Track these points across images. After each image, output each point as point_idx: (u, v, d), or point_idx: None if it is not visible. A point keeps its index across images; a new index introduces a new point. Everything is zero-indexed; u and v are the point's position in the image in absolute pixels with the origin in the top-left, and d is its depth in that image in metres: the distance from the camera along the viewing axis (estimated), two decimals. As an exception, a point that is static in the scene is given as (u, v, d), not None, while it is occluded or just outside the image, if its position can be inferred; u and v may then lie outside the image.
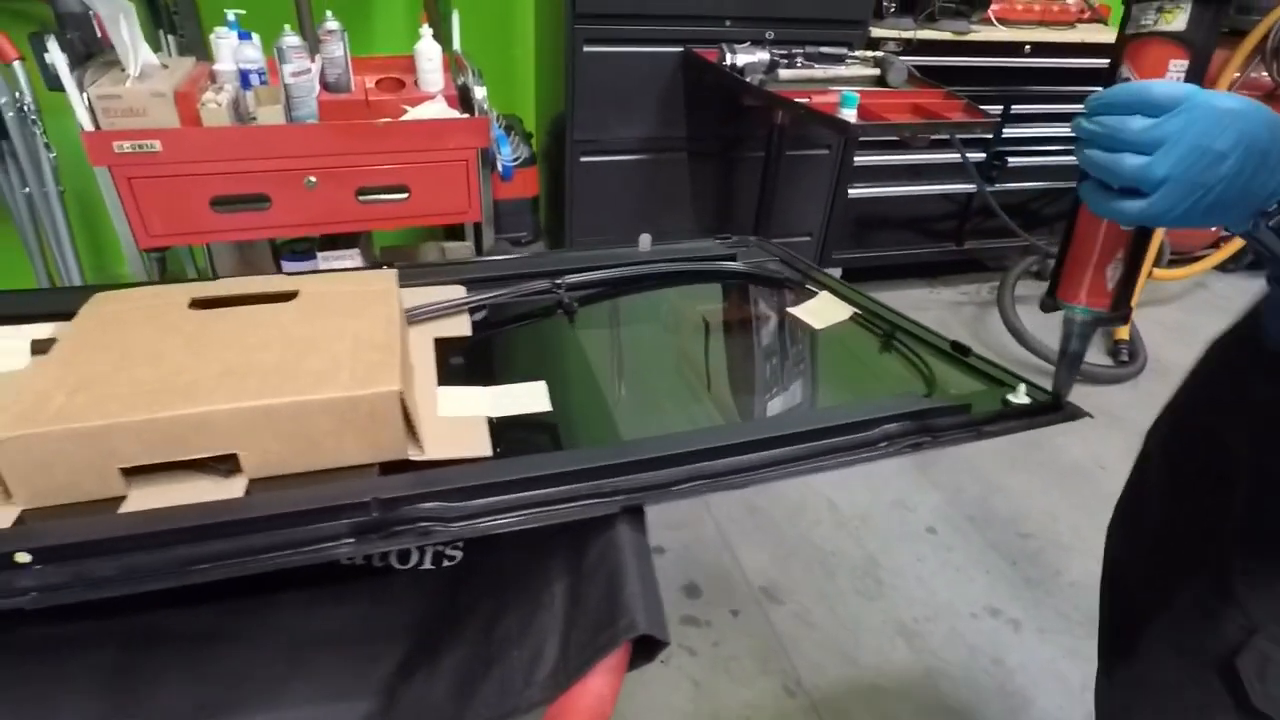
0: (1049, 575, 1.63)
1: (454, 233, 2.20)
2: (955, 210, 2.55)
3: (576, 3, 1.88)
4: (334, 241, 1.90)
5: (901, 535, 1.72)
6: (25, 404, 0.52)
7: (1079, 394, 0.65)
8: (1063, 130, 2.43)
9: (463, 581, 0.69)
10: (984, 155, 2.36)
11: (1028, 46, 2.27)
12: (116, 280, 2.31)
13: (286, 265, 1.87)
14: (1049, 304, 0.63)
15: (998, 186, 2.40)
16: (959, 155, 2.08)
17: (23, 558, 0.47)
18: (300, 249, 1.88)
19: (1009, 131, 2.35)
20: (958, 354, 0.76)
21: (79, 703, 0.58)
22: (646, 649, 0.54)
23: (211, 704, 0.61)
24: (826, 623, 1.48)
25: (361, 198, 1.63)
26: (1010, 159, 2.35)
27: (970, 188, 2.44)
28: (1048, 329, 2.51)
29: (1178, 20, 0.52)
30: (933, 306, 2.65)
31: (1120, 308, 0.61)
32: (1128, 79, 0.54)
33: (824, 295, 0.86)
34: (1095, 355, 2.36)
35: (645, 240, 0.91)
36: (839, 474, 0.90)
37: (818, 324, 0.82)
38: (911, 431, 0.62)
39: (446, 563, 0.71)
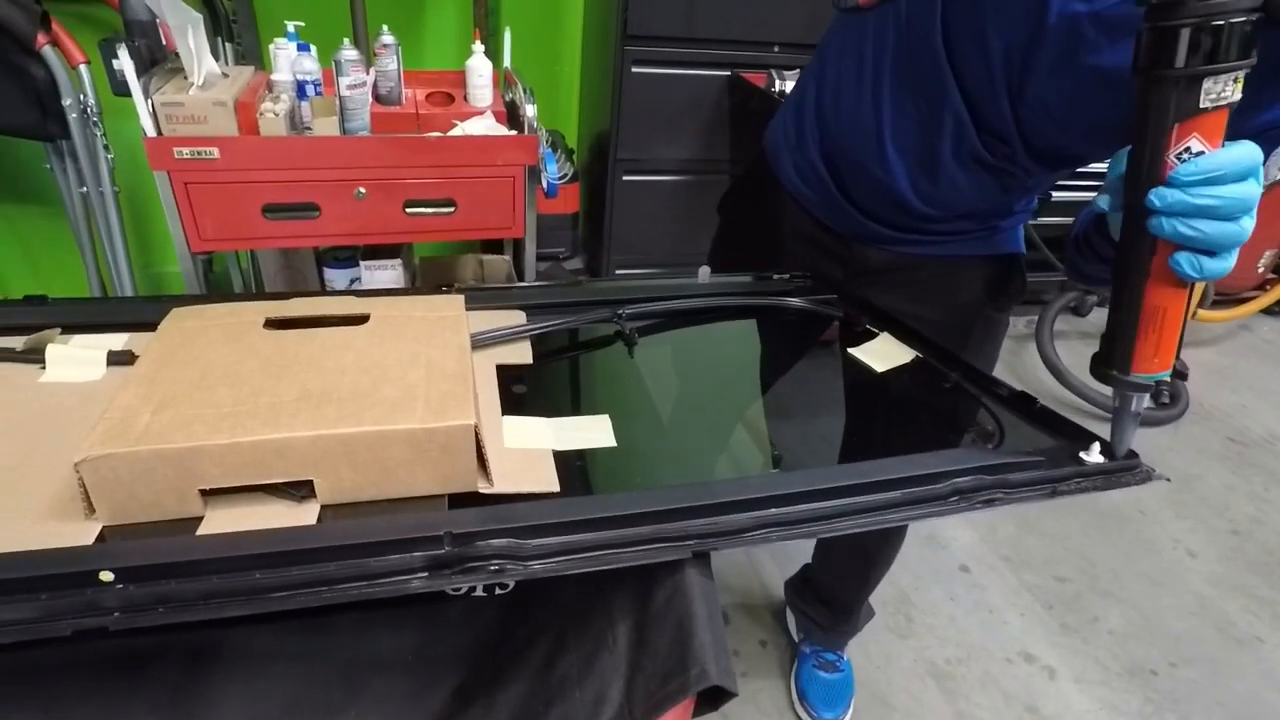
0: (1086, 622, 1.60)
1: (490, 245, 2.22)
2: (995, 242, 2.52)
3: (627, 24, 1.90)
4: (375, 251, 1.92)
5: (933, 572, 1.70)
6: (113, 421, 0.53)
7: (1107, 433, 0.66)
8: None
9: (517, 613, 0.69)
10: (1028, 189, 2.33)
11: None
12: (162, 277, 2.36)
13: (329, 272, 1.90)
14: (1123, 381, 0.62)
15: (1038, 219, 2.38)
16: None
17: (106, 576, 0.47)
18: (343, 256, 1.91)
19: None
20: (1022, 404, 0.75)
21: (144, 718, 0.58)
22: (711, 698, 0.53)
23: (269, 726, 0.62)
24: (857, 659, 1.46)
25: (409, 210, 1.64)
26: (1053, 192, 2.32)
27: (1012, 220, 2.42)
28: (1084, 365, 2.47)
29: (1241, 85, 0.52)
30: (968, 338, 2.62)
31: (1179, 358, 0.62)
32: (1201, 151, 0.53)
33: (885, 336, 0.85)
34: (1135, 396, 2.31)
35: (704, 272, 0.91)
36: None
37: (879, 366, 0.81)
38: (984, 486, 0.61)
39: (499, 590, 0.71)
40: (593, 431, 0.67)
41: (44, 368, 0.67)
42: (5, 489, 0.54)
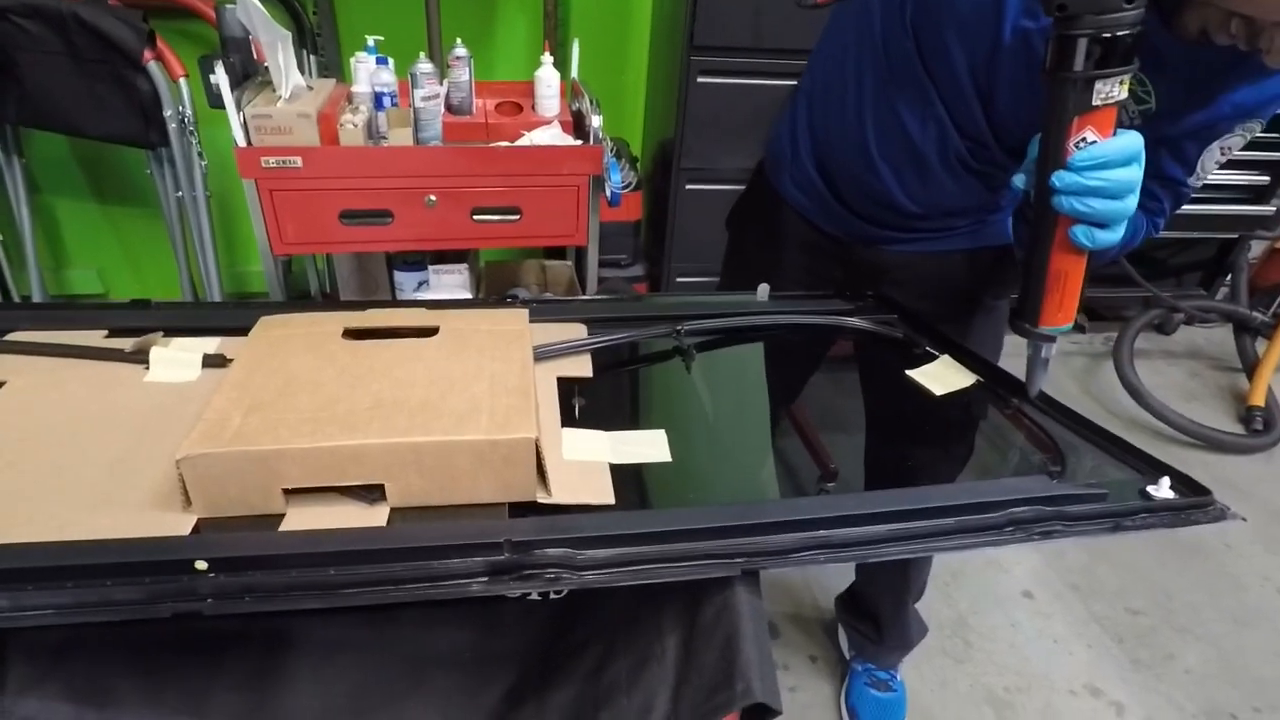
0: (1160, 659, 1.52)
1: (553, 251, 2.26)
2: (1071, 255, 2.42)
3: (694, 34, 1.91)
4: (443, 256, 1.99)
5: (995, 597, 1.65)
6: (209, 423, 0.57)
7: (1202, 463, 0.65)
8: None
9: (569, 618, 0.71)
10: (1108, 201, 2.24)
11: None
12: (245, 275, 2.50)
13: (399, 275, 1.98)
14: (1033, 332, 0.73)
15: (1121, 234, 2.27)
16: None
17: (201, 565, 0.52)
18: (412, 260, 1.98)
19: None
20: (1088, 431, 0.73)
21: (226, 696, 0.63)
22: (756, 715, 0.54)
23: (337, 712, 0.66)
24: (910, 680, 1.43)
25: (476, 217, 1.70)
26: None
27: (1089, 233, 2.32)
28: (1168, 386, 2.35)
29: (1126, 87, 0.63)
30: (1039, 354, 2.52)
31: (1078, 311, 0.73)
32: (1094, 140, 0.64)
33: (945, 359, 0.84)
34: (1224, 422, 2.18)
35: (764, 290, 0.92)
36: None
37: (938, 389, 0.80)
38: (1043, 518, 0.60)
39: (553, 594, 0.74)
40: (648, 446, 0.68)
41: (148, 368, 0.73)
42: (114, 479, 0.60)
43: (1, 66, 1.71)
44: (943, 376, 0.81)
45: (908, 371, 0.82)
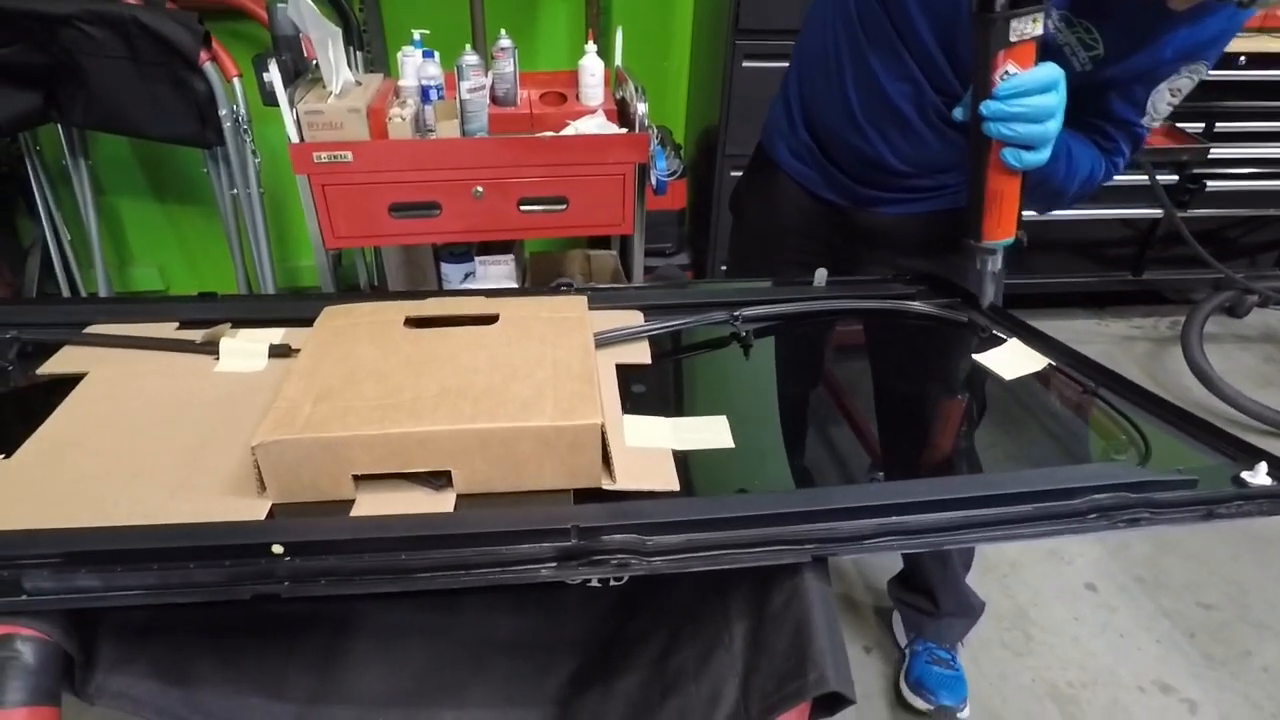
0: (1236, 655, 1.46)
1: (598, 241, 2.26)
2: (1134, 236, 2.32)
3: (738, 18, 1.88)
4: (488, 247, 2.00)
5: (1056, 589, 1.60)
6: (280, 411, 0.58)
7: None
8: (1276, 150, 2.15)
9: (631, 605, 0.71)
10: (1176, 178, 2.13)
11: (1242, 58, 2.02)
12: (297, 270, 2.56)
13: (445, 267, 1.99)
14: (977, 248, 0.82)
15: (1190, 212, 2.17)
16: (1147, 178, 1.90)
17: (277, 549, 0.53)
18: (459, 252, 2.00)
19: (1212, 151, 2.10)
20: (1174, 416, 0.70)
21: (299, 677, 0.65)
22: (827, 704, 0.53)
23: (403, 695, 0.67)
24: (968, 672, 1.40)
25: (523, 207, 1.70)
26: (1208, 182, 2.11)
27: (1155, 212, 2.22)
28: (1241, 372, 2.24)
29: (1040, 24, 0.71)
30: (1099, 340, 2.43)
31: (1020, 227, 0.81)
32: (1015, 73, 0.72)
33: (1014, 343, 0.81)
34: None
35: (821, 275, 0.90)
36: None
37: (1007, 374, 0.77)
38: (1128, 505, 0.57)
39: (614, 582, 0.73)
40: (711, 432, 0.67)
41: (218, 359, 0.75)
42: (192, 466, 0.62)
43: (70, 73, 1.78)
44: (1011, 360, 0.78)
45: (975, 356, 0.80)
